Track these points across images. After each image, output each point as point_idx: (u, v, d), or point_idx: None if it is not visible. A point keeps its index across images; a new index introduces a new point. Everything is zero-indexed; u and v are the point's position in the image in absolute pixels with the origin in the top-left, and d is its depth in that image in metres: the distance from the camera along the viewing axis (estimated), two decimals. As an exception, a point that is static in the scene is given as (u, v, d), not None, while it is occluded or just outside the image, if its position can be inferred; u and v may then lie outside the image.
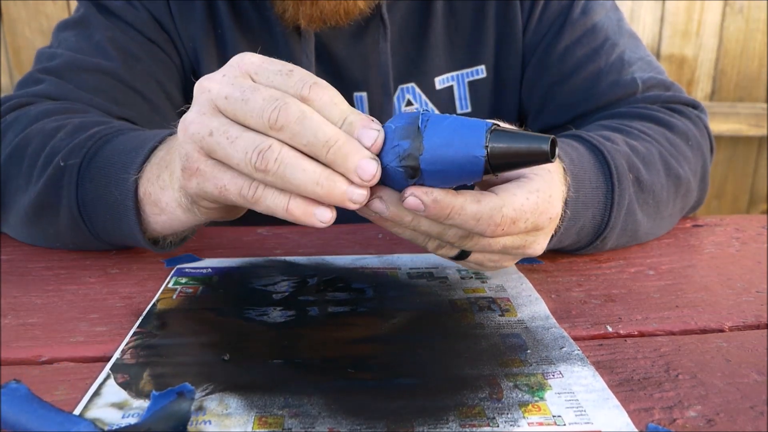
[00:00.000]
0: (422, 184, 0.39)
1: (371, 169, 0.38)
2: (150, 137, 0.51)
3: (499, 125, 0.37)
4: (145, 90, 0.69)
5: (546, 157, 0.36)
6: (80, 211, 0.53)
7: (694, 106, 0.71)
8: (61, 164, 0.53)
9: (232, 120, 0.40)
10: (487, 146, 0.36)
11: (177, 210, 0.48)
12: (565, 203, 0.49)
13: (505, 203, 0.40)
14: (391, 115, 0.75)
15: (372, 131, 0.38)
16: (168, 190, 0.47)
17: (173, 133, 0.49)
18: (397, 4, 0.74)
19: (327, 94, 0.39)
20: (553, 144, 0.36)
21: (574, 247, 0.57)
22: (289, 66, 0.40)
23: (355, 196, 0.38)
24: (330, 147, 0.37)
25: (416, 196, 0.39)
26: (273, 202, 0.40)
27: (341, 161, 0.37)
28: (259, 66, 0.40)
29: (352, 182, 0.38)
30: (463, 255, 0.45)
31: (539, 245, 0.45)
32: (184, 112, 0.42)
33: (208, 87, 0.40)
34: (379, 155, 0.39)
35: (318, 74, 0.73)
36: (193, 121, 0.40)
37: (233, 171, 0.40)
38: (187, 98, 0.75)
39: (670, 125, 0.65)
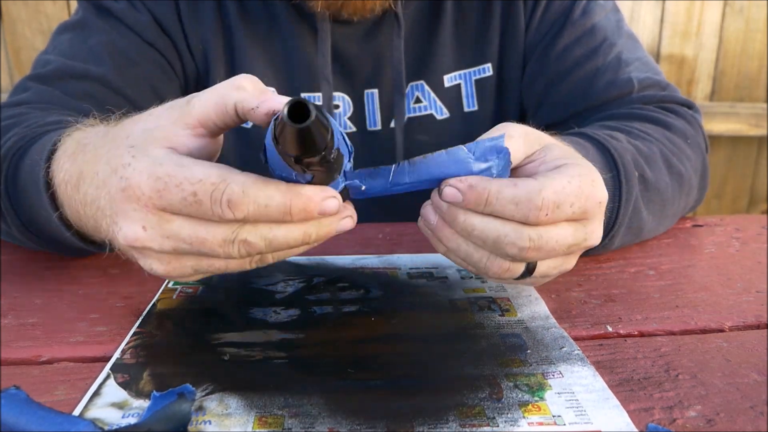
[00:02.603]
0: None
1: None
2: (46, 145, 0.47)
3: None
4: (136, 96, 0.69)
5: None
6: (29, 230, 0.52)
7: (689, 106, 0.72)
8: None
9: (199, 254, 0.38)
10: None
11: None
12: None
13: (544, 186, 0.39)
14: (403, 111, 0.76)
15: (330, 202, 0.37)
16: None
17: (59, 138, 0.46)
18: (408, 3, 0.75)
19: (251, 202, 0.35)
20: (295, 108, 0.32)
21: None
22: (188, 187, 0.35)
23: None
24: (309, 241, 0.38)
25: (452, 185, 0.39)
26: (278, 257, 0.41)
27: (326, 235, 0.39)
28: (160, 198, 0.35)
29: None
30: (528, 270, 0.43)
31: (597, 234, 0.43)
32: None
33: (142, 247, 0.37)
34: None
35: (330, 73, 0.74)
36: (168, 271, 0.38)
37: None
38: None
39: (668, 125, 0.66)
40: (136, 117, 0.40)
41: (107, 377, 0.38)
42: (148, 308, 0.48)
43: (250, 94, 0.38)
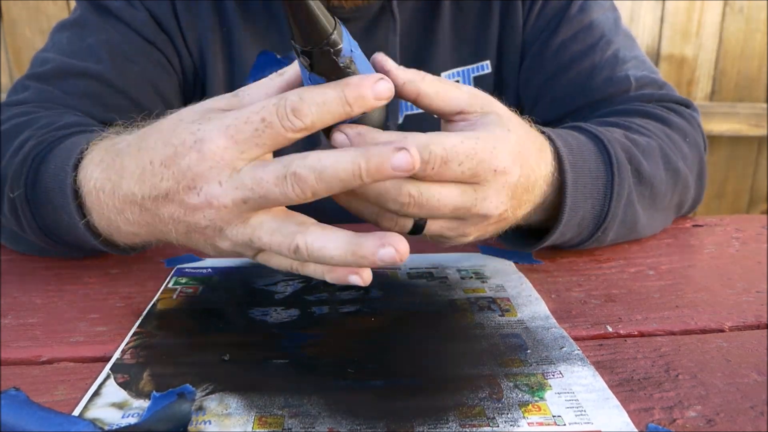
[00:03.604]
0: None
1: (408, 163, 0.36)
2: (72, 151, 0.48)
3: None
4: (136, 93, 0.69)
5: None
6: (47, 235, 0.51)
7: (687, 105, 0.72)
8: (11, 195, 0.51)
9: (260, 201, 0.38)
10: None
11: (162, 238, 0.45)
12: (564, 192, 0.49)
13: (433, 141, 0.39)
14: (396, 109, 0.76)
15: (381, 84, 0.38)
16: (140, 226, 0.44)
17: (85, 147, 0.47)
18: (406, 2, 0.75)
19: (310, 103, 0.37)
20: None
21: (576, 241, 0.56)
22: (255, 118, 0.37)
23: (386, 257, 0.36)
24: (359, 172, 0.36)
25: (341, 130, 0.40)
26: (314, 272, 0.41)
27: (378, 172, 0.36)
28: (235, 143, 0.37)
29: (380, 247, 0.36)
30: (418, 228, 0.43)
31: (491, 203, 0.43)
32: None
33: (218, 205, 0.38)
34: None
35: None
36: (235, 251, 0.41)
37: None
38: (186, 100, 0.75)
39: (668, 122, 0.66)
40: (174, 111, 0.42)
41: (107, 377, 0.38)
42: (148, 308, 0.48)
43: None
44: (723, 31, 1.70)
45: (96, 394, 0.37)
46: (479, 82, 0.78)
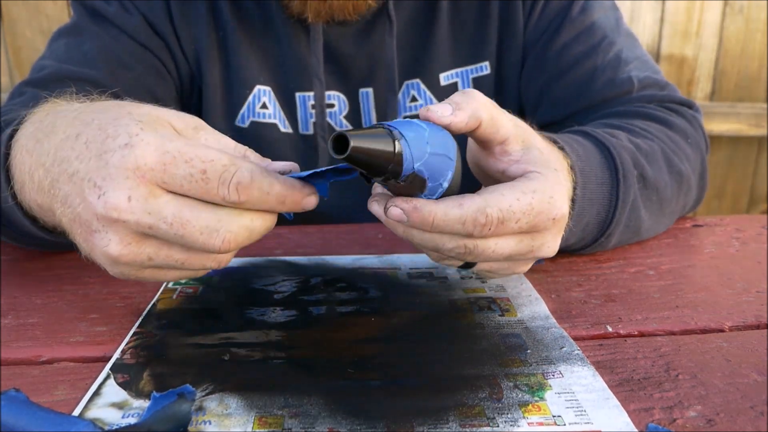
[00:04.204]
0: None
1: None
2: (11, 123, 0.47)
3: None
4: (132, 99, 0.69)
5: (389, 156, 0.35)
6: None
7: (689, 105, 0.72)
8: None
9: (165, 241, 0.37)
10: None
11: None
12: (572, 201, 0.49)
13: (489, 204, 0.38)
14: (396, 110, 0.76)
15: (312, 199, 0.39)
16: (41, 193, 0.41)
17: (30, 111, 0.45)
18: (403, 3, 0.75)
19: (255, 188, 0.36)
20: (338, 140, 0.34)
21: (578, 246, 0.56)
22: (198, 164, 0.35)
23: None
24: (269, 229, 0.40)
25: (397, 205, 0.38)
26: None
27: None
28: (163, 171, 0.35)
29: None
30: (468, 264, 0.44)
31: (549, 247, 0.43)
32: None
33: (117, 218, 0.35)
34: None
35: (324, 73, 0.74)
36: (123, 253, 0.37)
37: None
38: (184, 105, 0.75)
39: (669, 123, 0.66)
40: (136, 103, 0.41)
41: (107, 377, 0.38)
42: (148, 308, 0.48)
43: (256, 157, 0.41)
44: (723, 31, 1.70)
45: (96, 394, 0.37)
46: (478, 84, 0.78)
